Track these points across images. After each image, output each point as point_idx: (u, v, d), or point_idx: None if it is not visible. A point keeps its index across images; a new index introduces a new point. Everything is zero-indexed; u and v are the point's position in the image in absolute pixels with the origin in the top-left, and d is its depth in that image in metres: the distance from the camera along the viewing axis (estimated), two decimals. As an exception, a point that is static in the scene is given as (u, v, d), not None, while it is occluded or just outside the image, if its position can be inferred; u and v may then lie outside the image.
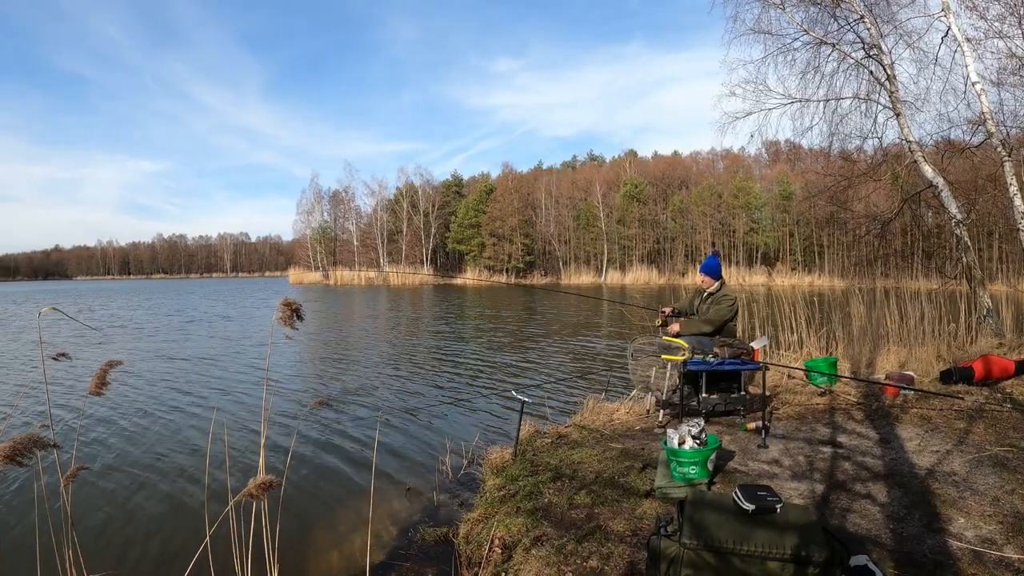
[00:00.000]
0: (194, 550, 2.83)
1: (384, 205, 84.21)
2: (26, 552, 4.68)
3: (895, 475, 4.61)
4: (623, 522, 4.06)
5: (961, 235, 10.87)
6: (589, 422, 6.96)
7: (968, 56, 10.76)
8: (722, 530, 2.89)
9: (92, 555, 4.63)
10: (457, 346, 17.39)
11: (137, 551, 5.00)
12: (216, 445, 7.19)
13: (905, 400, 6.77)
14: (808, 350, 9.45)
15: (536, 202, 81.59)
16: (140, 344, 18.52)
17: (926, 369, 8.25)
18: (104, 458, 7.34)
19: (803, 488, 4.50)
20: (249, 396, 10.60)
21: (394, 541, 4.92)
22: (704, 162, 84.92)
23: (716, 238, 71.25)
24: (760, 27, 12.14)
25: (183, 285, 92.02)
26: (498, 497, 4.90)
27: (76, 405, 9.87)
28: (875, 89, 11.73)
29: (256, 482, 2.41)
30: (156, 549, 5.02)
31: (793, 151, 44.97)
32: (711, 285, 7.06)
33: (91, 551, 4.80)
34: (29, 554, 4.19)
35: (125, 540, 5.19)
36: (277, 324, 2.80)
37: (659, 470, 4.70)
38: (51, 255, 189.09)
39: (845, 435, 5.76)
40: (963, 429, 5.68)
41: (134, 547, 5.07)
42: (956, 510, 3.94)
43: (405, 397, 10.47)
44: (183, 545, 4.98)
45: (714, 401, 6.44)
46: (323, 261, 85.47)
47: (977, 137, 11.34)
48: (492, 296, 45.47)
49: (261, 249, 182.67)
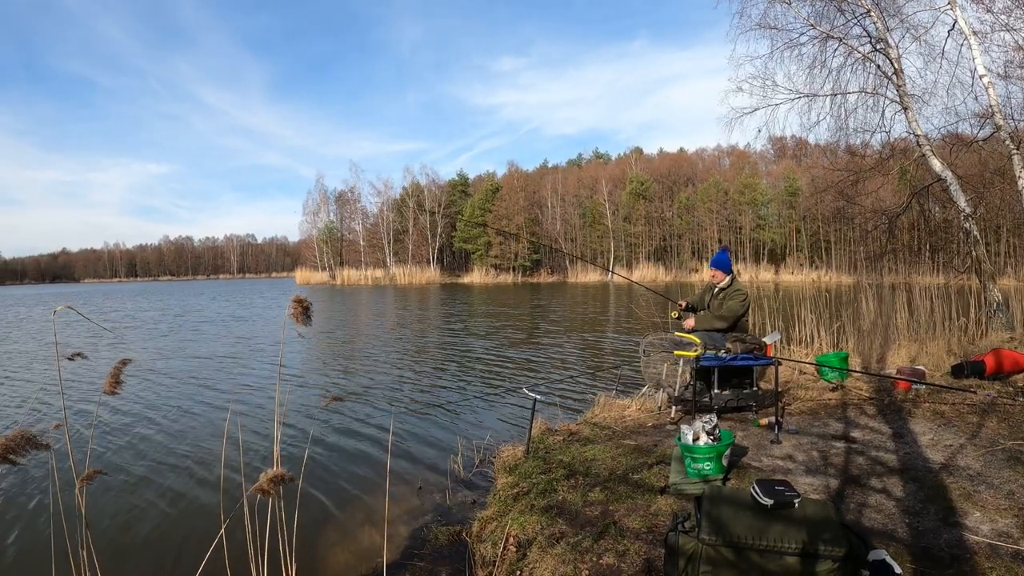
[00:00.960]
0: (209, 548, 2.84)
1: (390, 205, 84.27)
2: (40, 553, 4.71)
3: (909, 469, 4.60)
4: (638, 519, 4.06)
5: (970, 229, 10.82)
6: (601, 419, 6.96)
7: (975, 49, 10.73)
8: (740, 525, 2.89)
9: (107, 556, 4.66)
10: (466, 344, 17.39)
11: (152, 550, 5.01)
12: (231, 444, 7.20)
13: (917, 395, 6.75)
14: (819, 345, 9.44)
15: (542, 200, 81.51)
16: (155, 344, 18.55)
17: (937, 363, 8.22)
18: (120, 457, 7.37)
19: (817, 483, 4.49)
20: (262, 395, 10.63)
21: (408, 540, 4.92)
22: (710, 159, 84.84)
23: (723, 235, 71.14)
24: (766, 22, 12.13)
25: (191, 286, 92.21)
26: (511, 495, 4.91)
27: (91, 405, 9.90)
28: (882, 83, 11.69)
29: (268, 476, 2.42)
30: (171, 548, 5.02)
31: (799, 146, 44.92)
32: (722, 280, 7.04)
33: (106, 552, 4.83)
34: (44, 555, 4.22)
35: (140, 540, 5.20)
36: (289, 321, 2.81)
37: (673, 466, 4.70)
38: (58, 258, 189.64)
39: (858, 430, 5.75)
40: (976, 423, 5.67)
41: (149, 546, 5.08)
42: (971, 504, 3.94)
43: (416, 395, 10.48)
44: (198, 544, 4.99)
45: (726, 397, 6.44)
46: (330, 261, 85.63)
47: (985, 130, 11.31)
48: (500, 294, 45.50)
49: (267, 250, 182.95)
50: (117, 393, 2.77)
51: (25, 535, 5.31)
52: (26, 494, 6.20)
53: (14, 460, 2.13)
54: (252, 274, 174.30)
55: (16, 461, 2.14)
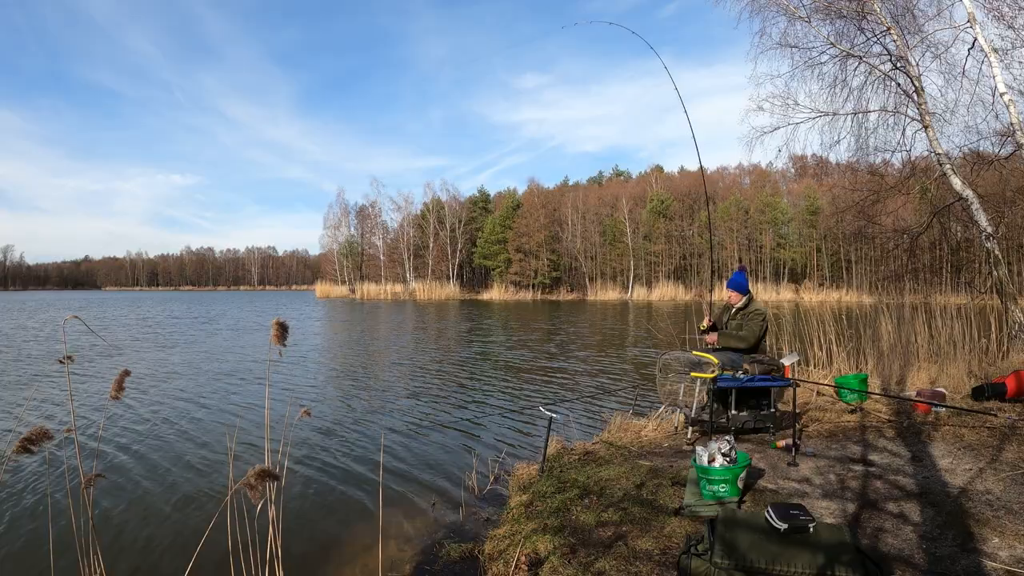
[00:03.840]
0: (210, 561, 2.85)
1: (410, 220, 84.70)
2: (46, 555, 4.73)
3: (928, 494, 4.55)
4: (651, 540, 4.04)
5: (992, 249, 10.72)
6: (616, 439, 6.94)
7: (995, 67, 10.65)
8: (754, 549, 2.87)
9: (113, 561, 4.70)
10: (484, 360, 17.39)
11: (154, 557, 5.03)
12: (238, 455, 7.24)
13: (937, 417, 6.68)
14: (838, 366, 9.36)
15: (563, 218, 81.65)
16: (171, 353, 18.66)
17: (957, 385, 8.13)
18: (128, 463, 7.40)
19: (834, 507, 4.45)
20: (273, 407, 10.65)
21: (419, 556, 4.91)
22: (731, 177, 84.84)
23: (743, 254, 70.95)
24: (786, 41, 12.11)
25: (212, 297, 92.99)
26: (525, 513, 4.89)
27: (101, 411, 9.97)
28: (903, 101, 11.63)
29: (253, 472, 2.42)
30: (173, 557, 5.04)
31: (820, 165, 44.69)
32: (739, 300, 7.01)
33: (112, 556, 4.86)
34: (51, 557, 4.24)
35: (143, 546, 5.22)
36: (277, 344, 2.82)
37: (688, 488, 4.67)
38: (81, 265, 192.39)
39: (876, 453, 5.70)
40: (996, 447, 5.59)
41: (148, 548, 5.11)
42: (990, 529, 3.88)
43: (431, 412, 10.47)
44: (198, 553, 5.00)
45: (743, 418, 6.40)
46: (350, 275, 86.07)
47: (1006, 149, 11.21)
48: (518, 311, 45.50)
49: (288, 263, 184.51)
50: (120, 398, 2.79)
51: (33, 537, 5.33)
52: (35, 497, 6.23)
53: (32, 450, 2.37)
54: (272, 286, 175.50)
55: (33, 451, 2.38)
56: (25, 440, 2.33)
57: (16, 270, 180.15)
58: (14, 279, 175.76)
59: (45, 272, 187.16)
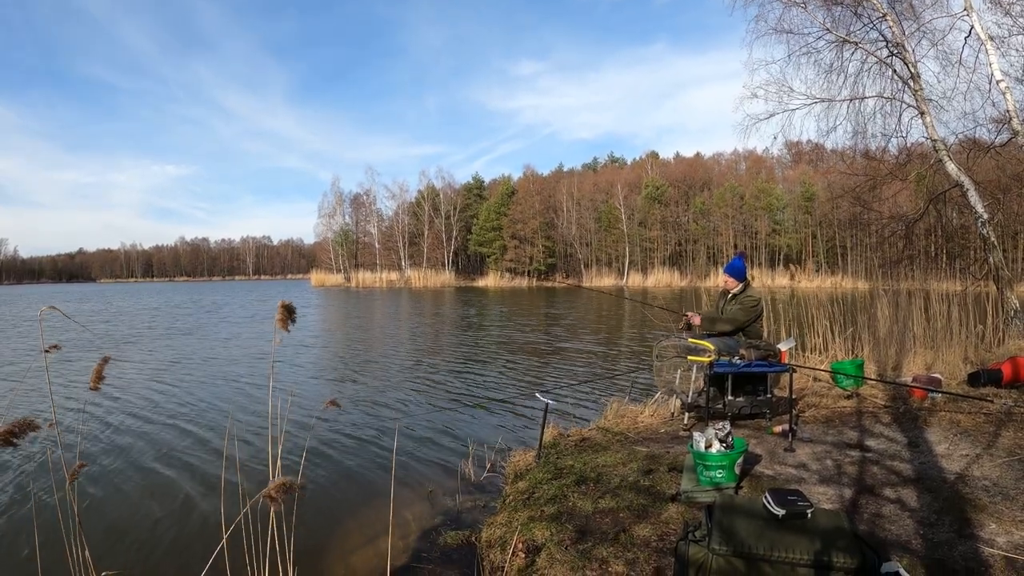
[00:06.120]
0: (207, 552, 2.83)
1: (405, 208, 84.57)
2: (33, 552, 4.71)
3: (924, 479, 4.55)
4: (649, 527, 4.03)
5: (988, 235, 10.72)
6: (613, 425, 6.93)
7: (992, 54, 10.64)
8: (752, 536, 2.85)
9: (102, 556, 4.68)
10: (479, 347, 17.39)
11: (148, 552, 5.01)
12: (232, 446, 7.22)
13: (933, 403, 6.67)
14: (834, 352, 9.36)
15: (558, 204, 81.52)
16: (170, 343, 18.63)
17: (953, 371, 8.12)
18: (118, 457, 7.39)
19: (831, 492, 4.45)
20: (265, 398, 10.62)
21: (416, 544, 4.90)
22: (726, 163, 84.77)
23: (738, 240, 70.99)
24: (782, 26, 12.07)
25: (207, 287, 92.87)
26: (521, 501, 4.89)
27: (97, 402, 9.95)
28: (899, 88, 11.61)
29: (275, 484, 2.40)
30: (168, 550, 5.02)
31: (815, 151, 44.63)
32: (735, 286, 6.99)
33: (101, 551, 4.84)
34: (38, 553, 4.23)
35: (136, 541, 5.20)
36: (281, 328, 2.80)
37: (685, 474, 4.66)
38: (75, 258, 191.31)
39: (873, 438, 5.69)
40: (992, 432, 5.59)
41: (145, 548, 5.08)
42: (987, 515, 3.88)
43: (426, 399, 10.47)
44: (196, 547, 4.99)
45: (740, 404, 6.39)
46: (345, 264, 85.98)
47: (1002, 136, 11.21)
48: (514, 298, 45.50)
49: (283, 252, 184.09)
50: (99, 388, 2.77)
51: (19, 533, 5.30)
52: (23, 492, 6.22)
53: (15, 443, 2.29)
54: (267, 276, 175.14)
55: (16, 443, 2.29)
56: (6, 432, 2.29)
57: (10, 264, 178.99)
58: (8, 273, 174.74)
59: (39, 265, 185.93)
